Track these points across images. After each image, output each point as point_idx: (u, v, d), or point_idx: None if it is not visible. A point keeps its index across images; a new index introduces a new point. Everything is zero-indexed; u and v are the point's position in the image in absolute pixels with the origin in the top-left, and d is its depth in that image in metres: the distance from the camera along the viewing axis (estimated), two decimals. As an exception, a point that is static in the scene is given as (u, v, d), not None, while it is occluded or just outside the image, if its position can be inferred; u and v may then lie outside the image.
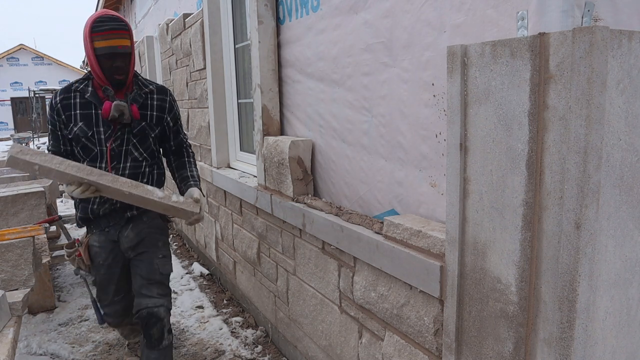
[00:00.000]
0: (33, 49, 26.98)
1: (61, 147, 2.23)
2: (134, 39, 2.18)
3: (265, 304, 3.06)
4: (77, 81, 2.24)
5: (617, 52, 1.00)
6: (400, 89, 1.74)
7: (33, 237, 2.94)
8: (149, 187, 2.05)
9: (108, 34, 2.03)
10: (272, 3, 2.62)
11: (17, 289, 2.65)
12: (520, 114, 1.12)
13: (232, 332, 3.23)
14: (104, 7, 9.53)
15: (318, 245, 2.27)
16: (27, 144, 14.58)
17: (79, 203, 2.31)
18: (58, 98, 2.18)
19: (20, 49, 26.70)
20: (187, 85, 4.55)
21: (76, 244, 2.40)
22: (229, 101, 3.71)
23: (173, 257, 4.90)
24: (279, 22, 2.64)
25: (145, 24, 7.37)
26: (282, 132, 2.77)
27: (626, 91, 1.03)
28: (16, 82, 26.34)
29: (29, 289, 2.69)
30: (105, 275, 2.37)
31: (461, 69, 1.25)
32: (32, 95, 22.07)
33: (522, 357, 1.19)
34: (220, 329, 3.27)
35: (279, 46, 2.67)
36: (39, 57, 27.09)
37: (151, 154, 2.34)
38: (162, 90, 2.35)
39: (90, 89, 2.17)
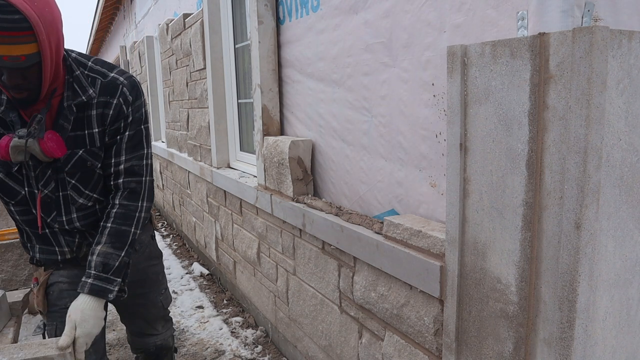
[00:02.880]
0: (33, 49, 26.92)
1: None
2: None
3: (265, 304, 3.06)
4: None
5: (617, 52, 1.00)
6: (400, 89, 1.74)
7: (33, 237, 2.93)
8: None
9: None
10: (272, 3, 2.63)
11: (17, 289, 2.65)
12: (520, 114, 1.12)
13: (232, 332, 3.23)
14: (104, 7, 9.51)
15: (318, 245, 2.27)
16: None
17: (35, 246, 1.57)
18: None
19: (20, 49, 26.64)
20: (187, 85, 4.55)
21: (32, 284, 1.64)
22: (229, 101, 3.71)
23: (173, 257, 4.92)
24: (279, 22, 2.64)
25: (145, 24, 7.36)
26: (282, 132, 2.77)
27: (626, 91, 1.03)
28: (16, 82, 26.28)
29: (29, 289, 2.69)
30: None
31: (461, 69, 1.25)
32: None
33: (522, 357, 1.19)
34: (220, 329, 3.27)
35: (279, 46, 2.67)
36: (39, 57, 27.01)
37: (107, 190, 1.56)
38: (109, 89, 1.45)
39: (3, 97, 1.35)
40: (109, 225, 1.49)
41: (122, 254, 1.48)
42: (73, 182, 1.48)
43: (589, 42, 0.96)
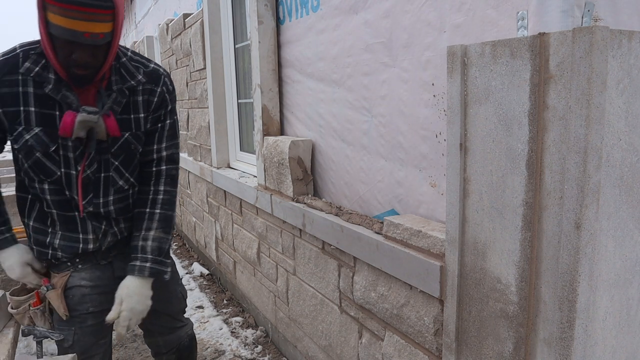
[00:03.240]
0: (33, 49, 26.94)
1: None
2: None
3: (265, 304, 3.06)
4: (27, 53, 1.36)
5: (617, 52, 1.00)
6: (400, 89, 1.74)
7: (33, 237, 2.93)
8: None
9: (69, 9, 1.20)
10: (272, 3, 2.63)
11: (17, 289, 2.64)
12: (520, 114, 1.12)
13: (232, 332, 3.23)
14: (104, 7, 9.48)
15: (318, 245, 2.27)
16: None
17: (57, 233, 1.52)
18: None
19: (20, 49, 26.66)
20: (187, 85, 4.55)
21: (44, 287, 1.56)
22: (229, 101, 3.71)
23: (173, 257, 4.92)
24: (279, 22, 2.64)
25: (145, 24, 7.37)
26: (282, 132, 2.77)
27: (626, 91, 1.03)
28: (16, 82, 26.28)
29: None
30: (93, 328, 1.58)
31: (461, 69, 1.25)
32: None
33: (522, 357, 1.19)
34: (220, 329, 3.27)
35: (279, 46, 2.67)
36: (39, 57, 27.02)
37: (145, 176, 1.63)
38: (153, 77, 1.53)
39: (51, 76, 1.36)
40: (157, 211, 1.57)
41: (170, 238, 1.60)
42: (116, 163, 1.51)
43: (589, 42, 0.96)
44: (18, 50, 1.38)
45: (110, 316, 1.48)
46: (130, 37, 8.95)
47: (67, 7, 1.19)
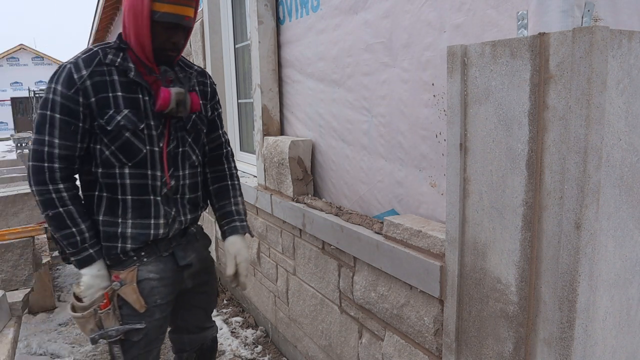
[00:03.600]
0: (33, 49, 27.01)
1: (78, 145, 1.52)
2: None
3: (265, 304, 3.07)
4: (105, 49, 1.56)
5: (617, 52, 1.00)
6: (400, 89, 1.74)
7: (33, 237, 2.94)
8: None
9: None
10: (272, 3, 2.63)
11: (17, 289, 2.66)
12: (520, 114, 1.12)
13: (232, 332, 3.23)
14: (104, 8, 9.50)
15: (318, 245, 2.27)
16: (27, 143, 14.56)
17: (128, 222, 1.59)
18: (84, 72, 1.49)
19: (20, 49, 26.72)
20: (187, 85, 4.54)
21: (116, 283, 1.57)
22: (229, 101, 3.71)
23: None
24: (279, 22, 2.64)
25: (145, 24, 7.36)
26: (282, 132, 2.77)
27: (626, 91, 1.03)
28: (16, 82, 26.36)
29: (29, 289, 2.69)
30: (160, 322, 1.66)
31: (461, 69, 1.25)
32: (32, 95, 22.08)
33: (522, 357, 1.19)
34: (220, 329, 3.27)
35: (279, 46, 2.67)
36: (39, 57, 27.10)
37: (203, 157, 1.84)
38: (201, 73, 1.82)
39: (131, 65, 1.55)
40: (236, 182, 1.90)
41: (244, 209, 1.91)
42: (189, 140, 1.70)
43: (589, 42, 0.96)
44: (96, 49, 1.57)
45: (229, 271, 1.74)
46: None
47: None
